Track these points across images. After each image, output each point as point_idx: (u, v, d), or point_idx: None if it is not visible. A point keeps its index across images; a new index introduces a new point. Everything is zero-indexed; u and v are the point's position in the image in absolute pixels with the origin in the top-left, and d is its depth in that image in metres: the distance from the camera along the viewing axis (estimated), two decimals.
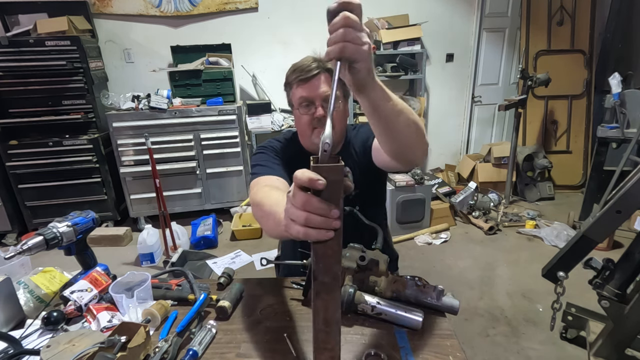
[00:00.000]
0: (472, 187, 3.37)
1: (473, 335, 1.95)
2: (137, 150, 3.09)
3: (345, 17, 0.52)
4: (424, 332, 0.80)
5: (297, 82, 1.04)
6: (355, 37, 0.53)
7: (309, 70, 1.02)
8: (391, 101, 0.68)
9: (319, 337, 0.57)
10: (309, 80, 1.02)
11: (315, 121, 1.04)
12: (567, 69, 3.66)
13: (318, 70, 1.02)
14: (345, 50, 0.53)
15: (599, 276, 0.95)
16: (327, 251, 0.50)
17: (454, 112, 4.20)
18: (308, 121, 1.05)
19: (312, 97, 1.03)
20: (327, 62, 1.03)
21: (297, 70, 1.04)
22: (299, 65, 1.04)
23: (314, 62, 1.03)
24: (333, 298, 0.54)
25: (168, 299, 0.90)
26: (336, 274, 0.52)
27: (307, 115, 1.05)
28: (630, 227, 2.83)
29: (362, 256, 0.86)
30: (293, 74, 1.05)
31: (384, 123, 0.72)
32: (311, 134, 1.07)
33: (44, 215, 3.12)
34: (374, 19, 3.53)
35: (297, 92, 1.05)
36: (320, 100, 1.03)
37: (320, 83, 1.02)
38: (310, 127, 1.06)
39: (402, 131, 0.73)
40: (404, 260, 2.71)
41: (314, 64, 1.03)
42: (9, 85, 2.89)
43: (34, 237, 0.88)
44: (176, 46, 3.34)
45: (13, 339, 0.77)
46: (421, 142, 0.79)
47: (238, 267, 2.68)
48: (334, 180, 0.47)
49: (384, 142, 0.80)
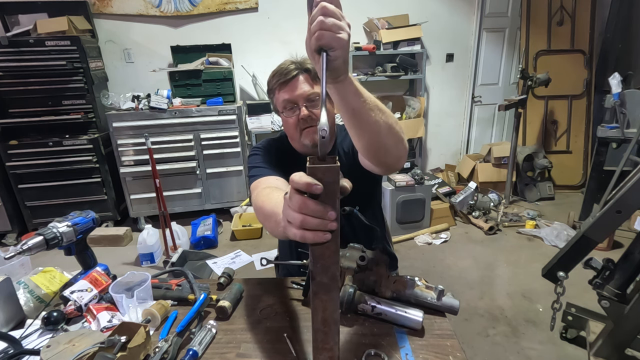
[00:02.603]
0: (472, 187, 3.37)
1: (473, 335, 1.95)
2: (137, 150, 3.09)
3: (323, 7, 0.54)
4: (424, 332, 0.80)
5: (279, 86, 1.05)
6: (332, 25, 0.54)
7: (288, 72, 1.02)
8: (362, 97, 0.69)
9: (317, 337, 0.57)
10: (289, 83, 1.03)
11: (301, 122, 1.04)
12: (567, 69, 3.66)
13: (297, 72, 1.02)
14: (322, 38, 0.54)
15: (599, 276, 0.95)
16: (325, 252, 0.50)
17: (454, 112, 4.20)
18: (294, 123, 1.05)
19: (295, 98, 1.03)
20: (306, 62, 1.03)
21: (276, 75, 1.05)
22: (278, 69, 1.05)
23: (292, 64, 1.03)
24: (331, 298, 0.54)
25: (168, 299, 0.90)
26: (334, 274, 0.52)
27: (292, 118, 1.05)
28: (630, 227, 2.83)
29: (362, 256, 0.86)
30: (273, 79, 1.06)
31: (352, 118, 0.72)
32: (299, 136, 1.07)
33: (44, 215, 3.12)
34: (374, 19, 3.53)
35: (280, 96, 1.05)
36: (303, 101, 1.03)
37: (299, 84, 1.02)
38: (298, 130, 1.06)
39: (372, 130, 0.74)
40: (404, 260, 2.71)
41: (292, 66, 1.03)
42: (9, 85, 2.89)
43: (34, 237, 0.88)
44: (176, 46, 3.34)
45: (13, 339, 0.77)
46: (396, 146, 0.79)
47: (238, 267, 2.68)
48: (330, 181, 0.47)
49: (354, 138, 0.80)
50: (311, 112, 1.02)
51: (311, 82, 1.03)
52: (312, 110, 1.03)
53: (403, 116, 3.71)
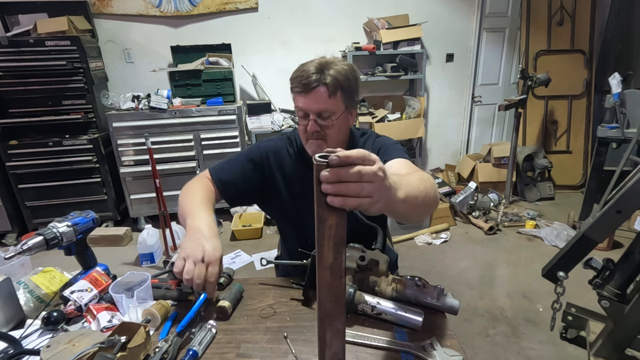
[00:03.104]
0: (472, 187, 3.37)
1: (473, 335, 1.95)
2: (137, 150, 3.09)
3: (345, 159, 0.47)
4: (424, 332, 0.80)
5: (295, 91, 1.03)
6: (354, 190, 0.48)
7: (308, 83, 0.97)
8: (407, 202, 0.64)
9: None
10: (307, 93, 0.99)
11: (308, 133, 1.03)
12: (567, 69, 3.66)
13: (317, 84, 0.97)
14: (347, 204, 0.49)
15: (599, 276, 0.95)
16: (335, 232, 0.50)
17: (454, 112, 4.20)
18: (303, 130, 1.04)
19: (306, 109, 1.01)
20: (329, 70, 0.98)
21: (297, 78, 1.00)
22: (300, 72, 0.99)
23: (314, 74, 0.97)
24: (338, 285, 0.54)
25: (168, 299, 0.90)
26: None
27: (302, 125, 1.04)
28: (630, 227, 2.82)
29: (362, 256, 0.86)
30: (293, 82, 1.02)
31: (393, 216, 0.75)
32: (305, 142, 1.07)
33: (44, 215, 3.12)
34: (373, 19, 3.53)
35: (296, 99, 1.04)
36: (315, 115, 1.00)
37: (315, 96, 0.98)
38: (305, 136, 1.06)
39: (409, 216, 0.75)
40: (404, 260, 2.70)
41: (314, 76, 0.97)
42: (9, 85, 2.89)
43: (34, 237, 0.88)
44: (176, 46, 3.34)
45: (13, 339, 0.77)
46: (428, 213, 0.81)
47: (238, 267, 2.68)
48: None
49: None
50: (320, 126, 1.01)
51: (327, 97, 0.98)
52: (321, 124, 1.01)
53: (403, 116, 3.71)
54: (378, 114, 3.66)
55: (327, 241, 0.50)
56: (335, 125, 1.03)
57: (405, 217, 0.75)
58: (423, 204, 0.72)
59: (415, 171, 0.90)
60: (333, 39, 3.64)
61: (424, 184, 0.74)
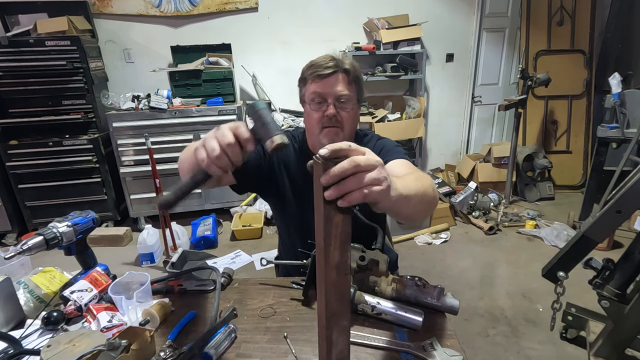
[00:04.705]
0: (472, 187, 3.37)
1: (473, 335, 1.95)
2: (137, 150, 3.09)
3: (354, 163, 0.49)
4: (424, 332, 0.80)
5: (313, 78, 1.03)
6: (372, 180, 0.51)
7: (327, 67, 1.01)
8: (407, 200, 0.65)
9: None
10: (324, 78, 1.01)
11: (325, 119, 1.02)
12: (567, 69, 3.66)
13: (335, 70, 1.01)
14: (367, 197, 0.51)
15: (599, 276, 0.95)
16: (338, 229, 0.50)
17: (454, 112, 4.20)
18: (318, 119, 1.03)
19: (326, 94, 1.02)
20: (345, 61, 1.03)
21: (314, 66, 1.03)
22: (316, 61, 1.03)
23: (332, 61, 1.02)
24: None
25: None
26: None
27: (318, 113, 1.03)
28: (630, 227, 2.82)
29: (362, 256, 0.86)
30: (309, 70, 1.04)
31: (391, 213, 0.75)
32: (319, 132, 1.05)
33: (44, 215, 3.12)
34: (373, 19, 3.53)
35: (311, 87, 1.03)
36: (333, 99, 1.02)
37: (336, 82, 1.02)
38: (319, 125, 1.04)
39: (408, 215, 0.75)
40: (404, 260, 2.70)
41: (332, 63, 1.01)
42: (9, 85, 2.89)
43: (34, 237, 0.88)
44: (176, 46, 3.34)
45: (13, 339, 0.77)
46: (426, 213, 0.81)
47: (238, 267, 2.68)
48: None
49: None
50: (338, 112, 1.02)
51: (347, 83, 1.03)
52: (339, 110, 1.02)
53: (403, 116, 3.71)
54: (378, 114, 3.66)
55: (334, 240, 0.50)
56: (351, 114, 1.05)
57: (404, 216, 0.75)
58: (421, 202, 0.73)
59: (415, 171, 0.90)
60: (333, 39, 3.64)
61: (421, 182, 0.75)
